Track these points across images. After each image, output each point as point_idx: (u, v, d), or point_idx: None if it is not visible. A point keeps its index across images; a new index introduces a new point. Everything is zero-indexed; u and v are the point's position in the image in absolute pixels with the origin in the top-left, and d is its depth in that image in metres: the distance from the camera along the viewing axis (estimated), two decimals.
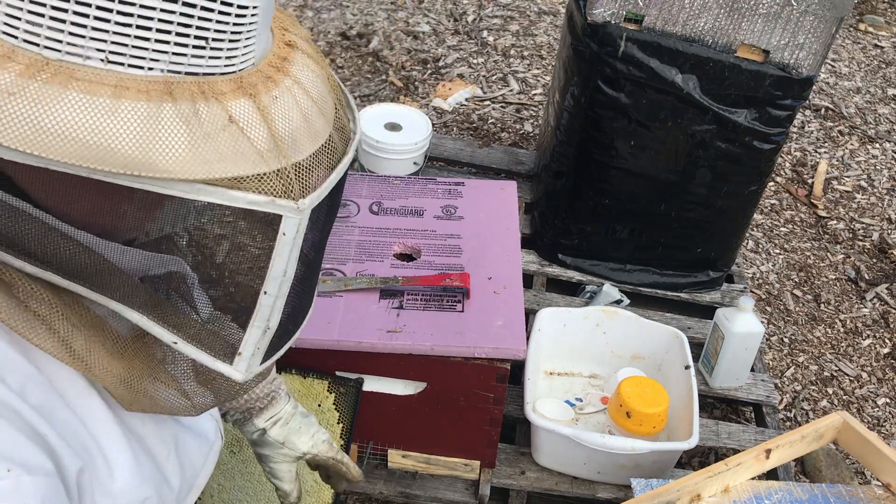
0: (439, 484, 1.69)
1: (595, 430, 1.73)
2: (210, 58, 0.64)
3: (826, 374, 2.30)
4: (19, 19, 0.59)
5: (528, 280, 2.16)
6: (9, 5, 0.59)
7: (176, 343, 0.75)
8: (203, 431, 0.99)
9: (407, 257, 1.75)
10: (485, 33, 3.56)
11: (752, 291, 2.48)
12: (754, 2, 1.80)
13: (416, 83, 3.24)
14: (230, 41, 0.65)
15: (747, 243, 2.69)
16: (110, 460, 0.80)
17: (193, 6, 0.61)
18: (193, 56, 0.63)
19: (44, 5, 0.58)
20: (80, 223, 0.69)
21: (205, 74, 0.64)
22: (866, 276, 2.64)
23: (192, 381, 0.83)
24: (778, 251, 2.69)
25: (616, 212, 2.09)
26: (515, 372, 1.66)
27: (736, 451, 2.00)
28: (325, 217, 0.77)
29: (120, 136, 0.59)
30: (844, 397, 2.24)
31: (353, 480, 1.28)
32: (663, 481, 1.23)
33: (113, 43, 0.60)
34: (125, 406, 0.81)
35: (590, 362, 1.91)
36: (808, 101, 2.90)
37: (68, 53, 0.59)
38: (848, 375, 2.30)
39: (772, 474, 1.83)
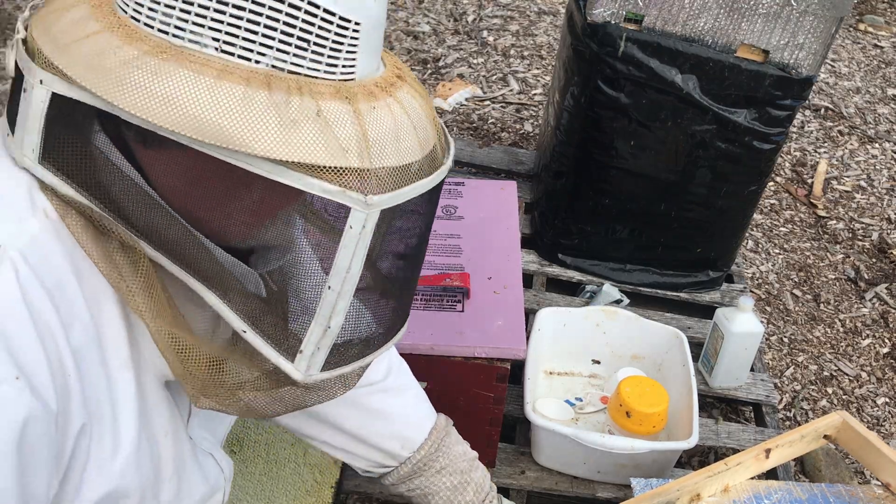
0: None
1: (595, 430, 1.73)
2: (311, 60, 0.71)
3: (826, 373, 2.30)
4: (156, 11, 0.70)
5: (528, 280, 2.16)
6: (152, 0, 0.70)
7: (245, 332, 0.78)
8: (211, 475, 1.00)
9: None
10: (485, 33, 3.56)
11: (751, 291, 2.49)
12: (754, 2, 1.81)
13: None
14: (332, 49, 0.72)
15: (747, 243, 2.69)
16: (119, 438, 0.81)
17: (298, 9, 0.70)
18: (295, 55, 0.71)
19: (176, 0, 0.69)
20: (180, 201, 0.76)
21: (305, 75, 0.71)
22: (866, 276, 2.64)
23: (258, 381, 0.84)
24: (778, 251, 2.70)
25: (616, 212, 2.09)
26: (515, 372, 1.67)
27: (736, 451, 2.00)
28: (403, 235, 0.80)
29: (216, 110, 0.68)
30: (844, 397, 2.25)
31: None
32: (663, 481, 1.23)
33: (226, 34, 0.70)
34: (194, 399, 0.82)
35: (590, 362, 1.91)
36: (807, 101, 2.90)
37: (190, 41, 0.70)
38: (847, 375, 2.30)
39: (771, 474, 1.84)
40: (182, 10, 0.70)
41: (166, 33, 0.70)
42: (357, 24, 0.73)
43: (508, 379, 1.56)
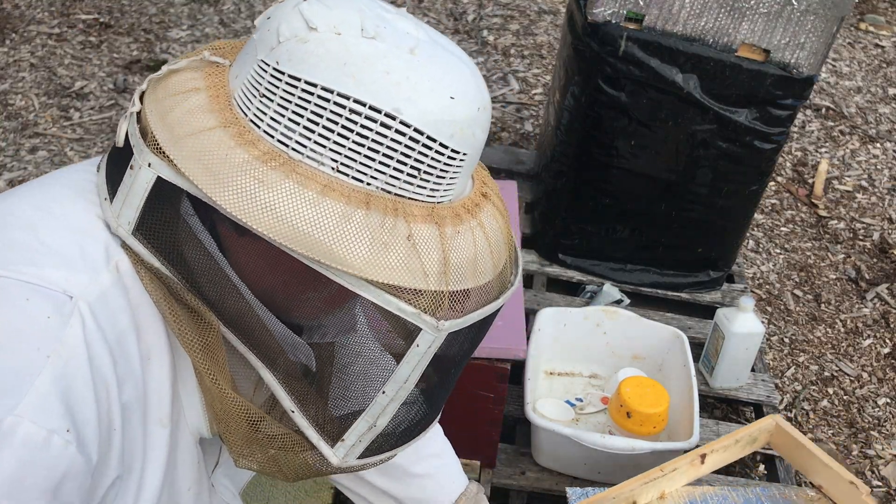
0: None
1: (595, 431, 1.72)
2: (418, 186, 0.75)
3: (826, 374, 2.30)
4: (279, 123, 0.73)
5: (528, 280, 2.16)
6: (276, 111, 0.73)
7: (293, 412, 0.82)
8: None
9: None
10: (485, 32, 3.56)
11: (752, 291, 2.48)
12: (755, 1, 1.80)
13: None
14: (438, 176, 0.76)
15: (748, 243, 2.68)
16: (142, 492, 0.84)
17: (416, 141, 0.73)
18: (406, 182, 0.74)
19: (301, 116, 0.72)
20: (259, 288, 0.79)
21: (409, 198, 0.75)
22: (867, 276, 2.63)
23: (289, 451, 0.87)
24: (778, 251, 2.69)
25: (616, 211, 2.09)
26: (516, 372, 1.66)
27: None
28: (461, 348, 0.84)
29: (315, 225, 0.71)
30: (845, 397, 2.24)
31: None
32: (600, 489, 1.22)
33: (345, 157, 0.73)
34: (235, 459, 0.86)
35: (590, 362, 1.90)
36: (808, 101, 2.89)
37: (308, 157, 0.73)
38: (848, 375, 2.30)
39: (773, 475, 1.83)
40: (306, 129, 0.72)
41: (286, 145, 0.73)
42: (464, 154, 0.76)
43: (508, 379, 1.56)
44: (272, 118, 0.73)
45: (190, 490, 0.91)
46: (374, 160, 0.73)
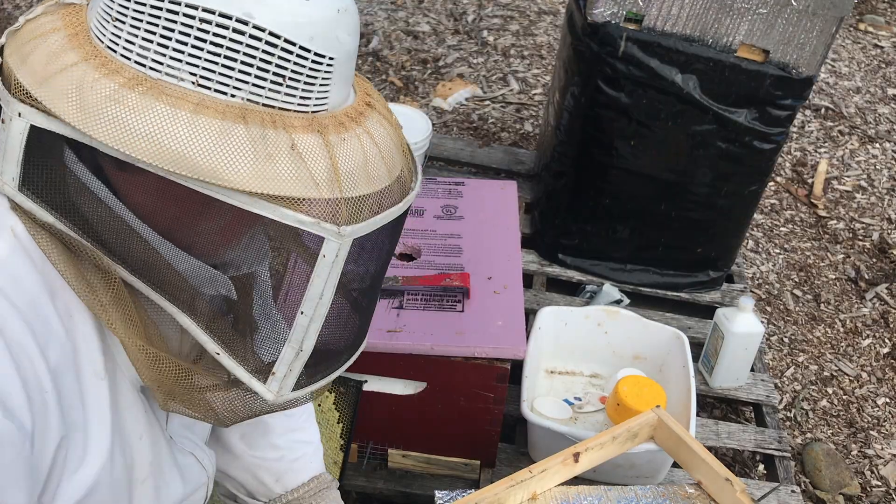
0: (439, 484, 1.69)
1: (593, 430, 1.73)
2: (286, 94, 0.73)
3: (826, 373, 2.30)
4: (133, 44, 0.72)
5: (528, 280, 2.16)
6: (129, 32, 0.72)
7: (219, 354, 0.80)
8: (192, 476, 1.01)
9: (407, 257, 1.75)
10: (485, 33, 3.56)
11: (752, 291, 2.48)
12: (755, 2, 1.80)
13: (416, 83, 3.24)
14: (305, 83, 0.74)
15: (747, 243, 2.69)
16: (89, 446, 0.83)
17: (274, 46, 0.71)
18: (270, 90, 0.73)
19: (153, 34, 0.71)
20: (157, 227, 0.78)
21: (280, 108, 0.73)
22: (866, 276, 2.64)
23: (223, 392, 0.86)
24: (778, 251, 2.69)
25: (616, 211, 2.09)
26: (517, 372, 1.66)
27: (736, 451, 2.01)
28: (371, 258, 0.83)
29: (193, 145, 0.69)
30: (844, 397, 2.24)
31: None
32: (466, 492, 1.20)
33: (203, 69, 0.71)
34: (162, 404, 0.84)
35: (591, 362, 1.91)
36: (808, 101, 2.90)
37: (167, 74, 0.71)
38: (848, 375, 2.30)
39: (772, 475, 1.84)
40: (160, 45, 0.71)
41: (143, 65, 0.71)
42: (331, 59, 0.75)
43: (509, 379, 1.56)
44: (127, 40, 0.72)
45: (142, 439, 0.90)
46: (233, 69, 0.71)
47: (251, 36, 0.71)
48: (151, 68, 0.71)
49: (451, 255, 1.73)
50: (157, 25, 0.71)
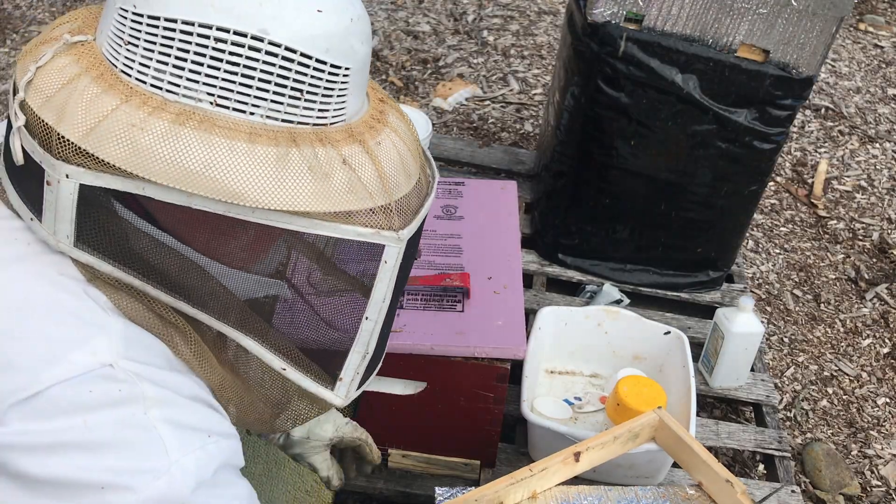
0: (439, 484, 1.68)
1: (593, 430, 1.72)
2: (304, 108, 0.74)
3: (826, 373, 2.30)
4: (148, 66, 0.72)
5: (528, 280, 2.16)
6: (143, 55, 0.72)
7: (285, 370, 0.82)
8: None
9: None
10: (485, 33, 3.56)
11: (752, 291, 2.48)
12: (755, 1, 1.80)
13: (416, 83, 3.24)
14: (323, 95, 0.75)
15: (747, 243, 2.69)
16: None
17: (291, 61, 0.72)
18: (289, 105, 0.73)
19: (168, 55, 0.71)
20: (213, 256, 0.79)
21: (298, 123, 0.74)
22: (866, 276, 2.64)
23: (285, 402, 0.90)
24: (778, 251, 2.69)
25: (616, 212, 2.09)
26: (517, 372, 1.66)
27: (736, 451, 2.00)
28: (412, 251, 0.85)
29: (253, 175, 0.70)
30: (844, 397, 2.24)
31: (374, 461, 1.35)
32: (466, 489, 1.20)
33: (221, 88, 0.72)
34: (234, 420, 0.88)
35: (591, 362, 1.91)
36: (808, 101, 2.90)
37: (184, 96, 0.71)
38: (848, 375, 2.30)
39: (772, 475, 1.84)
40: (175, 66, 0.71)
41: (159, 88, 0.72)
42: (347, 69, 0.76)
43: (509, 379, 1.56)
44: (141, 63, 0.72)
45: None
46: (250, 87, 0.72)
47: (267, 52, 0.71)
48: (168, 90, 0.72)
49: (451, 255, 1.73)
50: (171, 47, 0.71)
